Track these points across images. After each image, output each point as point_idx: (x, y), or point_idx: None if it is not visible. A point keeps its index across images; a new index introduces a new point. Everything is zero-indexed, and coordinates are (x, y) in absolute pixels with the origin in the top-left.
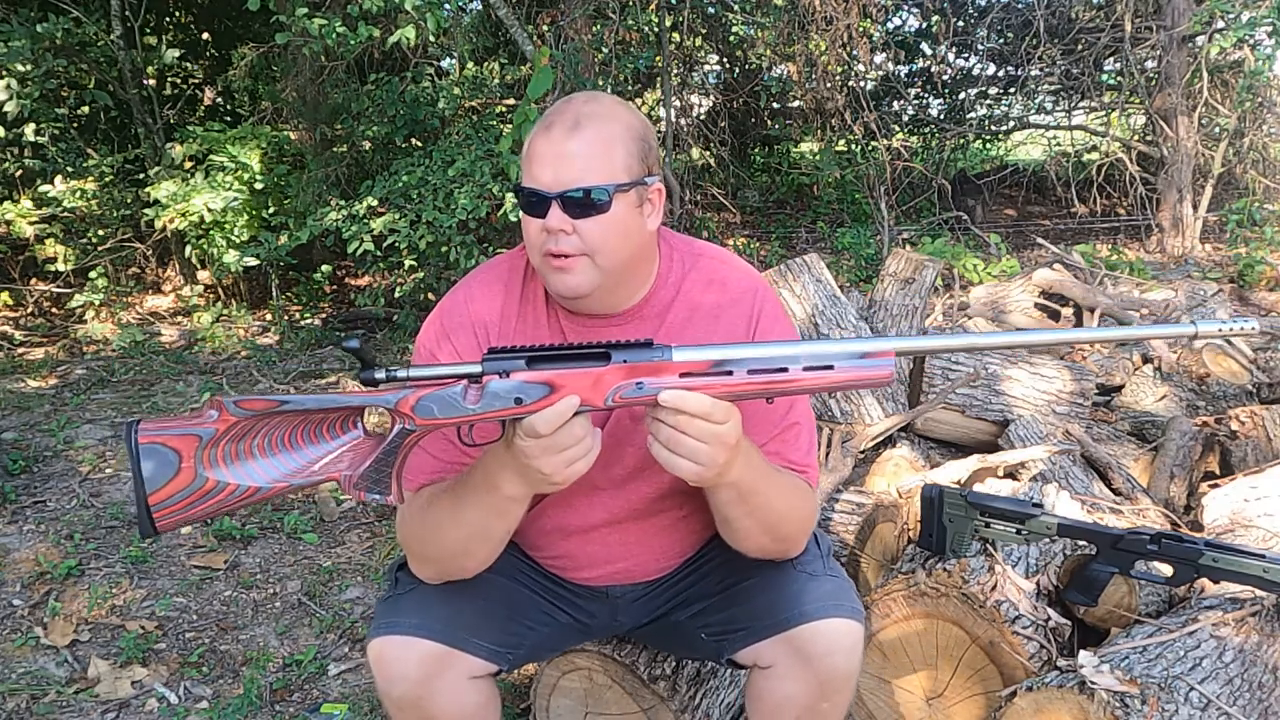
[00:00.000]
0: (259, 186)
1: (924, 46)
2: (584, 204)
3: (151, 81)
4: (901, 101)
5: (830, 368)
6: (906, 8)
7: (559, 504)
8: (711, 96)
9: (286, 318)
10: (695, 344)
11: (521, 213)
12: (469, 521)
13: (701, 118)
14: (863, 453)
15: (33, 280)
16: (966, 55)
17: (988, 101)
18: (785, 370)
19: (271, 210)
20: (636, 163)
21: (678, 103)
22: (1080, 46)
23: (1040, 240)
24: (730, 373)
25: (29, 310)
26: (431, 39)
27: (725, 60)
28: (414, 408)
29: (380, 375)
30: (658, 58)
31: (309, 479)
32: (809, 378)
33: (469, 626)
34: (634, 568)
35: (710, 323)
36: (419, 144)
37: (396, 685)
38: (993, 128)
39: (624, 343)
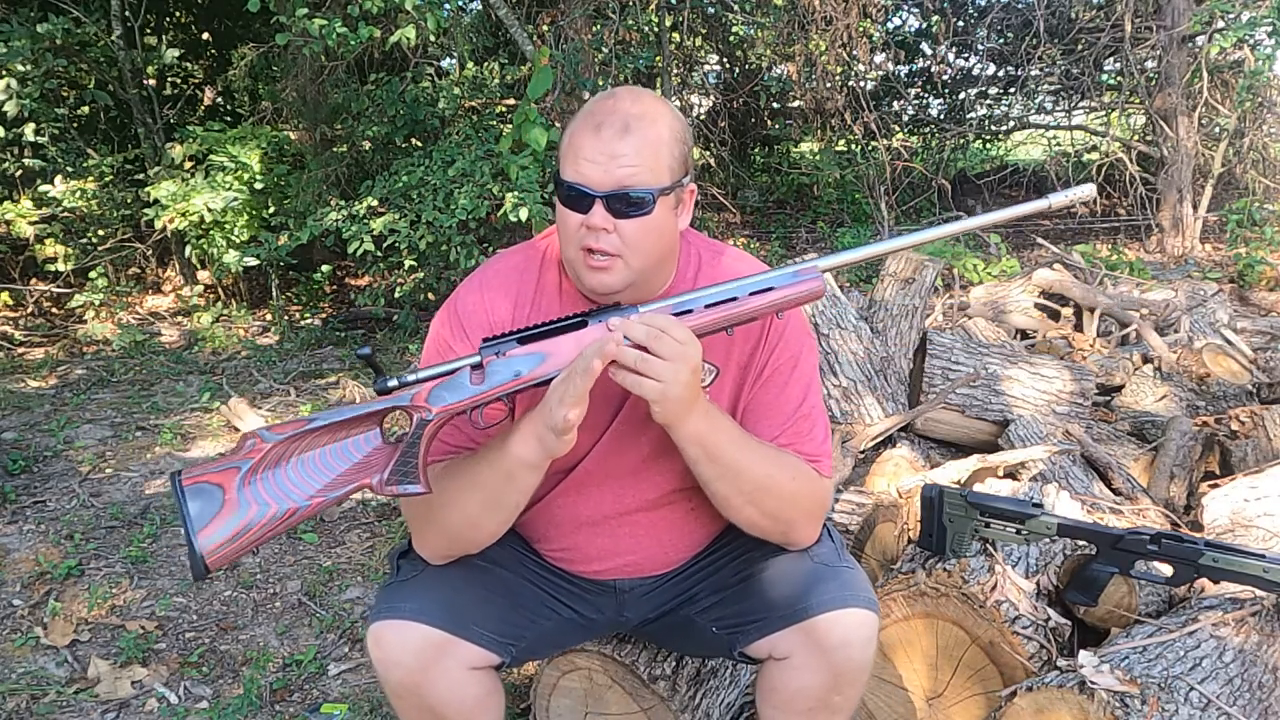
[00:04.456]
0: (259, 186)
1: (924, 46)
2: (630, 205)
3: (151, 81)
4: (901, 101)
5: (771, 289)
6: (906, 8)
7: (570, 493)
8: (711, 96)
9: (286, 318)
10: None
11: (558, 203)
12: (481, 487)
13: (701, 118)
14: (863, 453)
15: (33, 280)
16: (966, 55)
17: (988, 101)
18: (735, 299)
19: (271, 210)
20: (678, 165)
21: (678, 103)
22: (1080, 46)
23: (1040, 240)
24: (690, 311)
25: (29, 310)
26: (431, 39)
27: (725, 60)
28: (428, 398)
29: (393, 383)
30: (658, 58)
31: (342, 489)
32: (756, 301)
33: (469, 614)
34: (642, 561)
35: None
36: (419, 144)
37: (393, 670)
38: (993, 128)
39: (597, 309)
